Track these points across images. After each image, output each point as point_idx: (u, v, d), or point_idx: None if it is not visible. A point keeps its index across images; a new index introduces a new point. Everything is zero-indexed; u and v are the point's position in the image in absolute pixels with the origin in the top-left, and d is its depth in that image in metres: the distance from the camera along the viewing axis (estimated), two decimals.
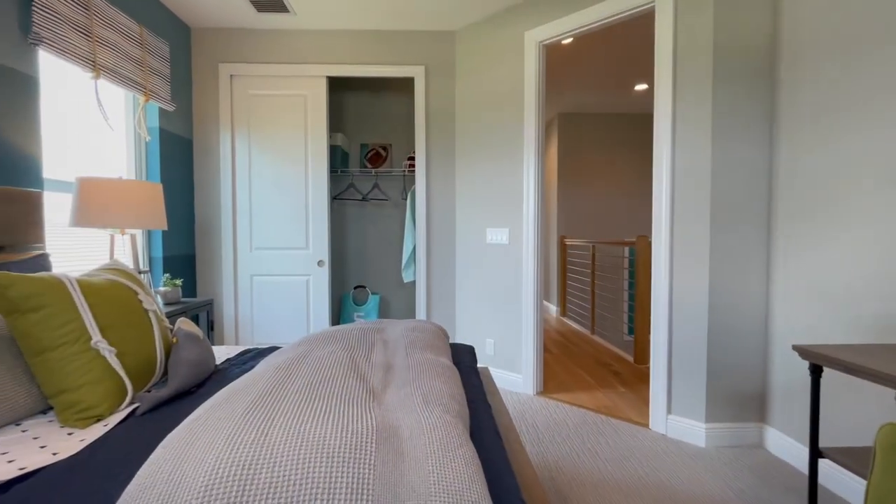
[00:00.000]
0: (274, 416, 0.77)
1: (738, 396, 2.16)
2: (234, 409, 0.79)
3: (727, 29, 2.10)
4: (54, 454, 0.91)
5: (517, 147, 2.88)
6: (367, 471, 0.65)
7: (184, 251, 3.01)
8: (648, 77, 4.31)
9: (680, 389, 2.24)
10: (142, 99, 2.55)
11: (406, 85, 3.91)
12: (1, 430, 1.02)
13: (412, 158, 3.68)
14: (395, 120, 3.91)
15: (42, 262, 1.69)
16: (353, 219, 3.93)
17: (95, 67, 2.18)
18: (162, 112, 2.79)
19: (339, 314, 3.93)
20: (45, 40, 1.90)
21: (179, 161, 2.98)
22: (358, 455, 0.68)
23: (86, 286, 1.17)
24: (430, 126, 3.24)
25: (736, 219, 2.13)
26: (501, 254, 2.97)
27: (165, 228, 2.19)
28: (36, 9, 1.87)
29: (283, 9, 2.85)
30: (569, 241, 5.22)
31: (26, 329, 1.05)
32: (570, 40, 3.53)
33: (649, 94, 4.79)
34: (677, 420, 2.24)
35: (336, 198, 3.82)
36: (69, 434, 1.01)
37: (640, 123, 5.63)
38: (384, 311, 3.93)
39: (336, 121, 3.90)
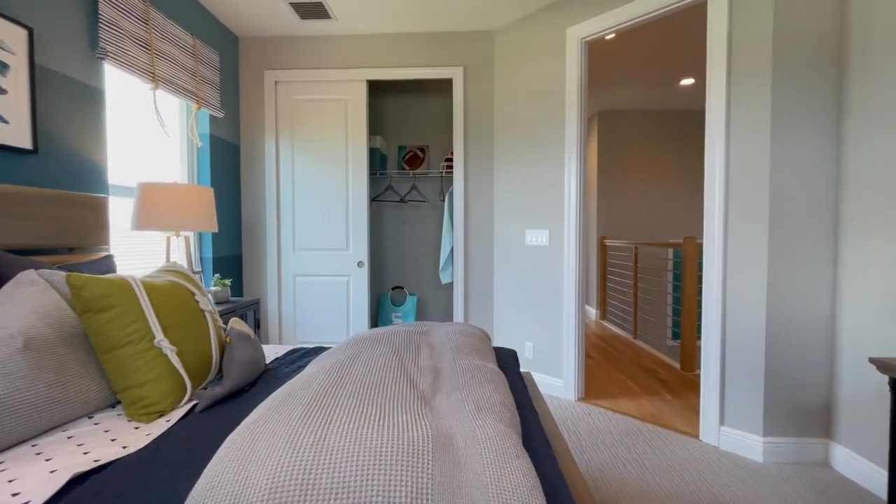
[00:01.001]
0: (330, 420, 0.78)
1: (801, 410, 2.02)
2: (292, 412, 0.80)
3: (789, 17, 1.97)
4: (124, 447, 0.96)
5: (558, 147, 2.81)
6: (425, 479, 0.65)
7: (231, 252, 3.14)
8: (695, 71, 4.12)
9: (734, 400, 2.12)
10: (195, 107, 2.68)
11: (444, 86, 3.91)
12: (76, 421, 1.08)
13: (450, 160, 3.68)
14: (433, 121, 3.92)
15: (108, 263, 1.80)
16: (391, 220, 3.97)
17: (154, 78, 2.30)
18: (212, 119, 2.92)
19: (377, 314, 3.98)
20: (110, 54, 2.02)
21: (227, 165, 3.10)
22: (415, 463, 0.67)
23: (149, 287, 1.23)
24: (468, 127, 3.23)
25: (798, 219, 1.99)
26: (541, 255, 2.92)
27: (216, 231, 2.28)
28: (102, 25, 1.99)
29: (325, 15, 2.92)
30: (609, 243, 5.07)
31: (98, 327, 1.12)
32: (612, 36, 3.43)
33: (696, 88, 4.58)
34: (731, 432, 2.13)
35: (374, 199, 3.87)
36: (136, 428, 1.06)
37: (685, 120, 5.39)
38: (421, 312, 3.95)
39: (374, 123, 3.96)
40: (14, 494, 0.77)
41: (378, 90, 3.95)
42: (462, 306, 3.26)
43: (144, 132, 2.46)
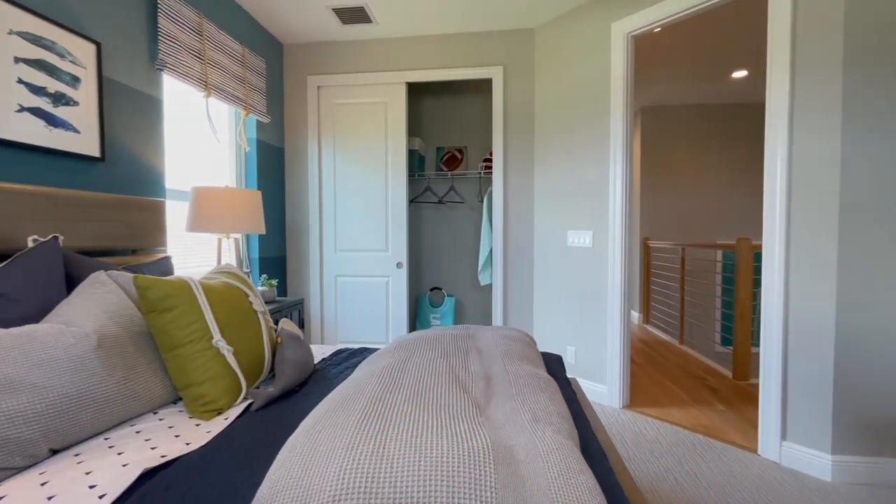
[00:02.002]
0: (387, 427, 0.77)
1: (877, 427, 1.86)
2: (349, 417, 0.80)
3: (863, 2, 1.81)
4: (187, 444, 0.99)
5: (602, 145, 2.73)
6: (488, 494, 0.63)
7: (276, 253, 3.23)
8: (750, 62, 3.90)
9: (798, 413, 1.98)
10: (243, 113, 2.78)
11: (482, 86, 3.88)
12: (142, 416, 1.14)
13: (488, 160, 3.64)
14: (471, 122, 3.90)
15: (166, 264, 1.89)
16: (429, 221, 3.98)
17: (207, 87, 2.40)
18: (259, 124, 3.02)
19: (415, 315, 4.00)
20: (168, 65, 2.13)
21: (272, 168, 3.20)
22: (478, 475, 0.65)
23: (207, 289, 1.28)
24: (507, 126, 3.18)
25: (874, 220, 1.83)
26: (584, 257, 2.84)
27: (264, 232, 2.35)
28: (161, 38, 2.10)
29: (366, 20, 2.96)
30: (652, 244, 4.88)
31: (161, 327, 1.17)
32: (658, 29, 3.29)
33: (750, 81, 4.33)
34: (794, 448, 1.99)
35: (413, 201, 3.89)
36: (196, 425, 1.10)
37: (736, 114, 5.11)
38: (459, 314, 3.94)
39: (413, 125, 3.98)
40: (91, 486, 0.81)
41: (416, 92, 3.97)
42: (501, 309, 3.22)
43: (196, 138, 2.57)
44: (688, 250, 4.44)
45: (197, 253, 2.55)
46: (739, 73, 4.15)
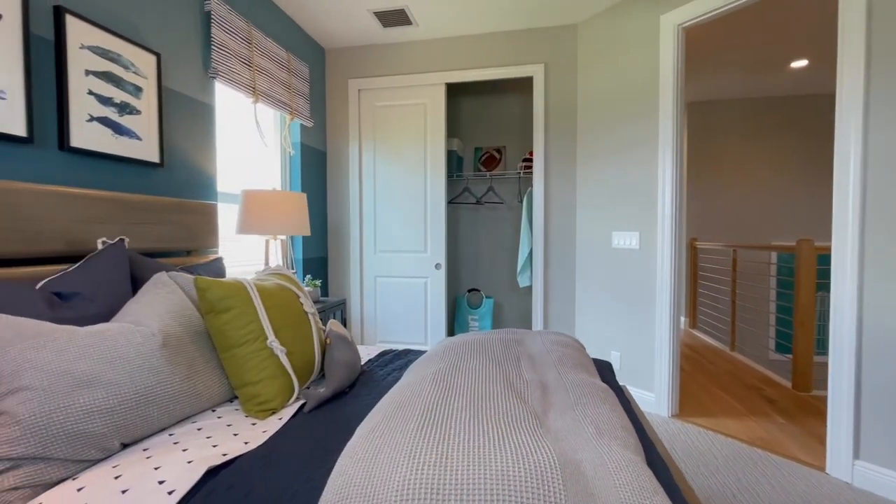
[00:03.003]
0: (447, 436, 0.75)
1: None
2: (408, 424, 0.80)
3: None
4: (246, 443, 1.02)
5: (650, 143, 2.62)
6: None
7: (318, 254, 3.30)
8: (810, 51, 3.65)
9: (874, 430, 1.82)
10: (288, 117, 2.85)
11: (521, 85, 3.83)
12: (202, 414, 1.18)
13: (527, 160, 3.58)
14: (510, 121, 3.85)
15: (219, 265, 1.96)
16: (467, 222, 3.96)
17: (255, 93, 2.47)
18: (303, 128, 3.09)
19: (453, 317, 3.99)
20: (220, 73, 2.21)
21: (315, 171, 3.27)
22: (547, 491, 0.62)
23: (261, 290, 1.31)
24: (548, 125, 3.12)
25: None
26: (630, 259, 2.74)
27: (309, 234, 2.40)
28: (214, 47, 2.18)
29: (407, 22, 2.97)
30: (700, 245, 4.66)
31: (219, 327, 1.21)
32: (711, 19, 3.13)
33: (811, 71, 4.05)
34: (868, 468, 1.83)
35: (451, 202, 3.88)
36: (252, 424, 1.13)
37: (793, 106, 4.80)
38: (498, 316, 3.90)
39: (451, 125, 3.97)
40: (160, 482, 0.84)
41: (454, 92, 3.96)
42: (541, 312, 3.16)
43: (243, 142, 2.66)
44: (739, 252, 4.21)
45: (243, 254, 2.64)
46: (799, 63, 3.89)
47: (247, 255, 2.67)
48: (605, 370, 1.58)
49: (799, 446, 2.20)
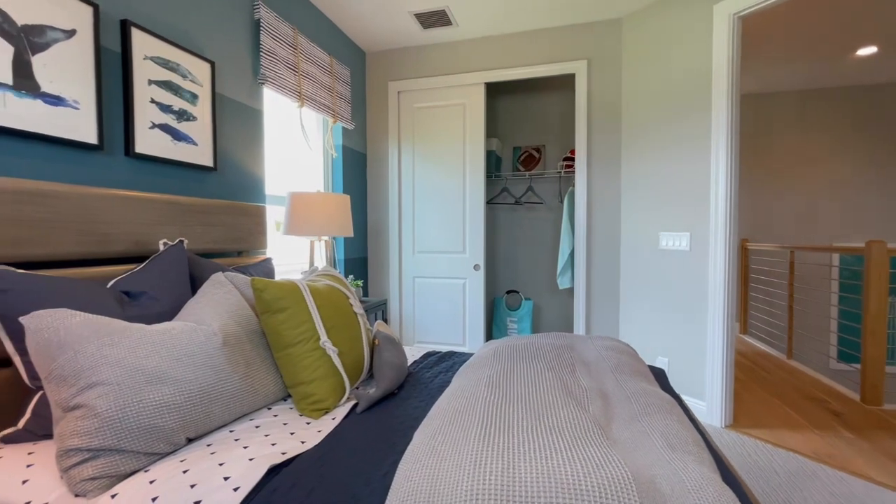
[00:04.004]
0: (511, 444, 0.73)
1: None
2: (469, 430, 0.78)
3: None
4: (302, 442, 1.03)
5: (702, 139, 2.50)
6: None
7: (359, 254, 3.35)
8: (879, 37, 3.38)
9: None
10: (331, 121, 2.91)
11: (561, 83, 3.74)
12: (258, 411, 1.21)
13: (568, 159, 3.50)
14: (549, 120, 3.78)
15: (268, 265, 2.01)
16: (505, 223, 3.91)
17: (300, 97, 2.53)
18: (344, 130, 3.14)
19: (491, 318, 3.96)
20: (269, 79, 2.27)
21: (356, 173, 3.32)
22: None
23: (314, 291, 1.33)
24: (591, 123, 3.03)
25: None
26: (680, 261, 2.62)
27: (352, 235, 2.44)
28: (263, 54, 2.24)
29: (447, 22, 2.96)
30: (751, 246, 4.41)
31: (274, 326, 1.23)
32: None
33: (881, 58, 3.75)
34: None
35: (489, 202, 3.85)
36: (307, 423, 1.14)
37: (860, 97, 4.45)
38: (537, 318, 3.83)
39: (489, 125, 3.94)
40: (226, 478, 0.86)
41: (492, 91, 3.92)
42: (583, 314, 3.07)
43: (286, 145, 2.73)
44: (796, 253, 3.95)
45: (288, 254, 2.71)
46: (866, 50, 3.61)
47: (291, 255, 2.74)
48: (659, 378, 1.51)
49: (871, 464, 2.04)
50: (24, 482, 0.89)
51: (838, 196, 4.53)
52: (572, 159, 3.47)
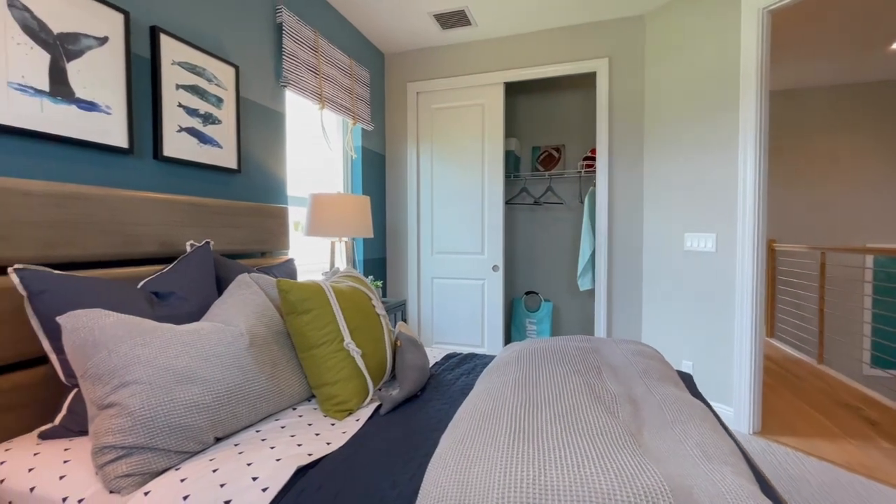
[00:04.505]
0: (541, 451, 0.72)
1: None
2: (497, 436, 0.77)
3: None
4: (328, 444, 1.04)
5: (729, 138, 2.43)
6: None
7: (377, 255, 3.37)
8: None
9: None
10: (350, 122, 2.93)
11: (581, 82, 3.70)
12: (284, 412, 1.22)
13: (589, 158, 3.45)
14: (569, 119, 3.73)
15: (291, 266, 2.03)
16: (524, 223, 3.88)
17: (321, 99, 2.56)
18: (363, 132, 3.16)
19: (510, 320, 3.93)
20: (291, 82, 2.30)
21: (375, 174, 3.34)
22: None
23: (338, 292, 1.34)
24: (613, 122, 2.98)
25: None
26: (706, 263, 2.55)
27: (372, 236, 2.45)
28: (285, 57, 2.27)
29: (466, 22, 2.95)
30: (779, 247, 4.28)
31: (299, 328, 1.24)
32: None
33: None
34: None
35: (508, 202, 3.83)
36: (332, 424, 1.15)
37: (894, 92, 4.28)
38: (556, 320, 3.79)
39: (508, 125, 3.91)
40: (254, 478, 0.87)
41: (511, 91, 3.90)
42: (604, 317, 3.02)
43: (306, 147, 2.75)
44: (828, 255, 3.82)
45: (308, 255, 2.74)
46: None
47: (310, 256, 2.77)
48: (687, 383, 1.47)
49: None
50: (61, 478, 0.92)
51: (871, 195, 4.36)
52: (593, 159, 3.42)
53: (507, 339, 3.90)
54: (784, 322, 4.37)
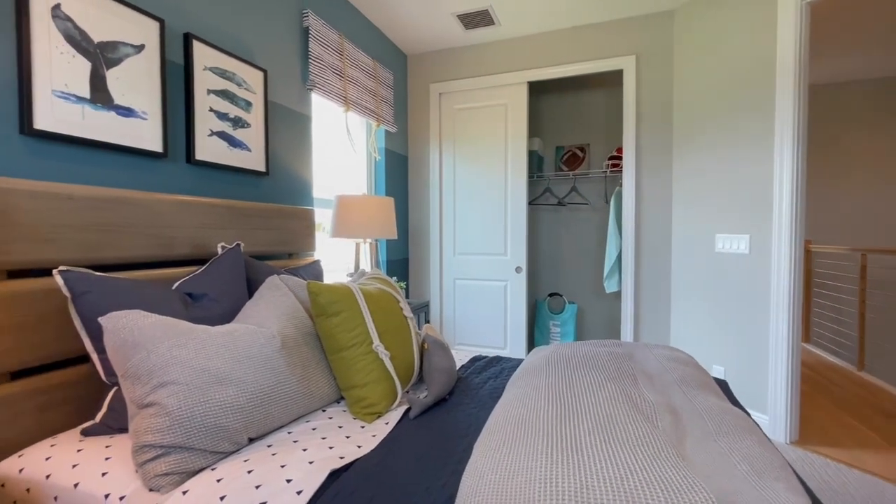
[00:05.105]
0: (581, 462, 0.70)
1: None
2: (535, 444, 0.75)
3: None
4: (359, 447, 1.04)
5: (765, 135, 2.34)
6: None
7: (400, 255, 3.38)
8: None
9: None
10: (374, 124, 2.94)
11: (606, 79, 3.63)
12: (313, 413, 1.22)
13: (615, 158, 3.38)
14: (593, 118, 3.67)
15: (317, 268, 2.05)
16: (547, 224, 3.83)
17: (346, 102, 2.58)
18: (387, 133, 3.18)
19: (533, 321, 3.89)
20: (317, 85, 2.32)
21: (397, 175, 3.35)
22: None
23: (366, 294, 1.34)
24: (640, 120, 2.91)
25: None
26: (738, 265, 2.47)
27: (396, 238, 2.45)
28: (311, 60, 2.30)
29: (489, 22, 2.93)
30: (816, 248, 4.11)
31: (328, 330, 1.25)
32: None
33: None
34: None
35: (531, 203, 3.78)
36: (361, 427, 1.15)
37: None
38: (581, 322, 3.73)
39: (531, 125, 3.87)
40: (288, 481, 0.88)
41: (534, 90, 3.85)
42: (631, 320, 2.96)
43: (333, 148, 2.78)
44: (869, 257, 3.65)
45: (332, 255, 2.76)
46: None
47: (334, 257, 2.79)
48: (724, 390, 1.42)
49: None
50: (103, 474, 0.95)
51: None
52: (619, 158, 3.35)
53: (531, 342, 3.86)
54: (820, 326, 4.19)
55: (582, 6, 2.76)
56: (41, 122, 1.21)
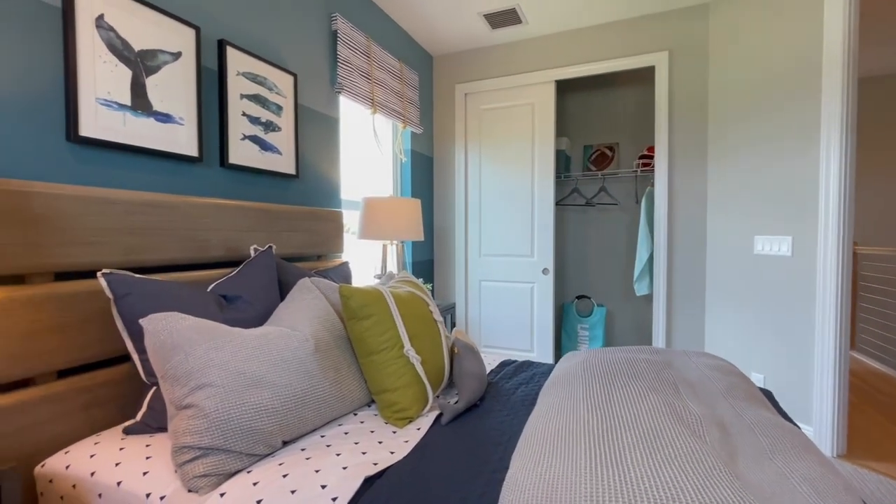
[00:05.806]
0: (628, 480, 0.67)
1: None
2: (576, 459, 0.72)
3: None
4: (392, 453, 1.03)
5: (809, 131, 2.23)
6: None
7: (425, 257, 3.37)
8: None
9: None
10: (400, 126, 2.94)
11: (636, 76, 3.53)
12: (345, 417, 1.22)
13: (645, 157, 3.29)
14: (623, 116, 3.58)
15: (346, 269, 2.07)
16: (575, 225, 3.76)
17: (373, 104, 2.59)
18: (413, 135, 3.18)
19: (560, 324, 3.82)
20: (345, 88, 2.34)
21: (423, 176, 3.35)
22: None
23: (397, 298, 1.33)
24: (673, 118, 2.82)
25: None
26: (780, 268, 2.36)
27: (422, 239, 2.45)
28: (340, 63, 2.31)
29: (516, 21, 2.90)
30: (863, 250, 3.89)
31: (359, 333, 1.25)
32: None
33: None
34: None
35: (558, 203, 3.72)
36: (393, 432, 1.14)
37: None
38: (610, 326, 3.64)
39: (558, 124, 3.81)
40: (323, 486, 0.87)
41: (562, 88, 3.79)
42: (663, 324, 2.86)
43: (360, 150, 2.79)
44: None
45: (358, 257, 2.78)
46: None
47: (360, 258, 2.81)
48: (770, 401, 1.35)
49: None
50: (144, 473, 0.97)
51: None
52: (650, 157, 3.26)
53: (558, 345, 3.80)
54: (868, 333, 3.97)
55: (612, 2, 2.69)
56: (86, 129, 1.25)
